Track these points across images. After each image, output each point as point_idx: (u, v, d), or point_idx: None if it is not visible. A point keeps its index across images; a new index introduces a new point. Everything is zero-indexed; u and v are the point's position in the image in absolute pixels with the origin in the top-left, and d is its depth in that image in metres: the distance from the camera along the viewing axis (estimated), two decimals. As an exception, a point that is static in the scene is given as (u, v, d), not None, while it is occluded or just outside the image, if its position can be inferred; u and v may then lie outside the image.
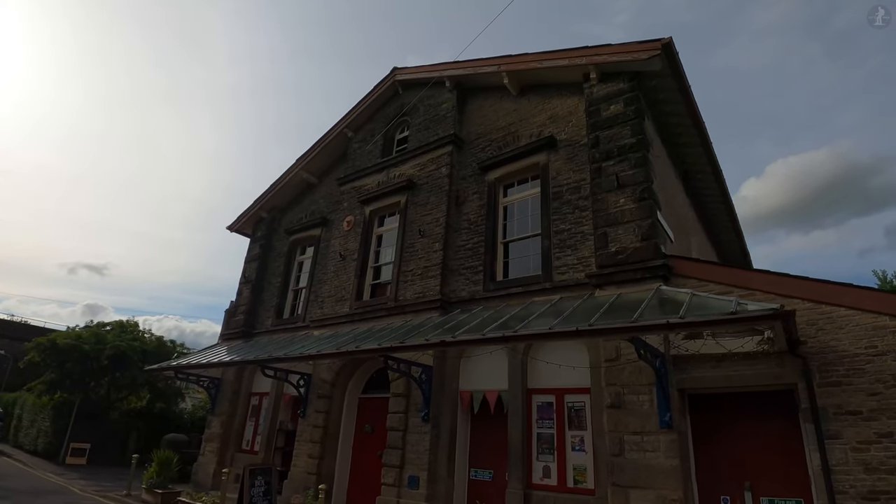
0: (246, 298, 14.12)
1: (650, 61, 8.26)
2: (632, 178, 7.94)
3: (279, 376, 10.69)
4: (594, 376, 7.49)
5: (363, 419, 10.59)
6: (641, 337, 6.05)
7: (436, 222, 10.38)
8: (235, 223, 15.38)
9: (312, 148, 13.99)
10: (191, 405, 23.93)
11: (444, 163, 10.87)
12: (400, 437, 8.95)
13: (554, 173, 9.23)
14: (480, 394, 8.68)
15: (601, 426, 7.17)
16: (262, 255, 14.53)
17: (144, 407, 18.95)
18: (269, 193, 14.73)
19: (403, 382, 9.32)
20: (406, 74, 12.55)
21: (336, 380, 10.65)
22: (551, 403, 7.97)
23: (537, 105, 10.11)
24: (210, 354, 12.57)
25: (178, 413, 20.14)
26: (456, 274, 9.85)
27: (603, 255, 7.76)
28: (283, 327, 12.91)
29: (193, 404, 24.27)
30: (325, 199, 13.93)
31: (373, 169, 12.43)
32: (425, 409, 8.81)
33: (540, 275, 8.64)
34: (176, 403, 20.36)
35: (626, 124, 8.34)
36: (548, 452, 7.75)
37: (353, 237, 12.02)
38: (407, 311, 9.93)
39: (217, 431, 12.72)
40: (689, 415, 6.92)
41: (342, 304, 11.36)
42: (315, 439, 10.31)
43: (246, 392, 13.10)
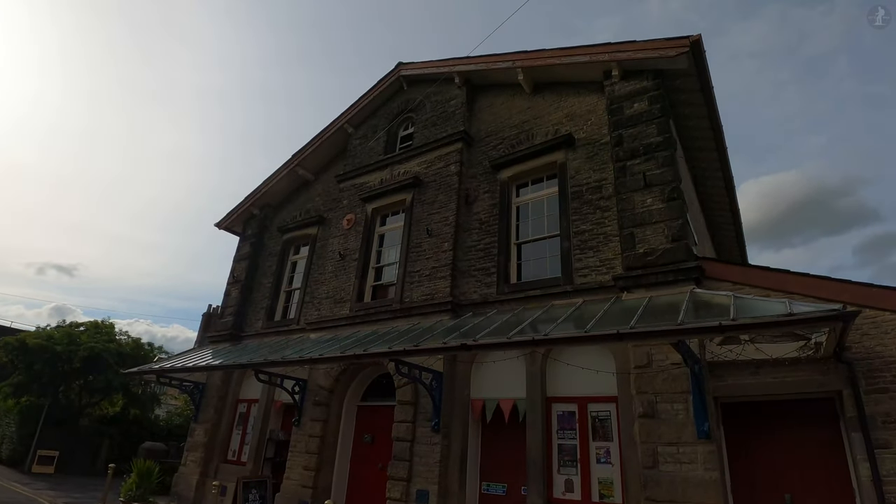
0: (234, 299, 13.27)
1: (677, 59, 7.94)
2: (660, 177, 7.56)
3: (273, 381, 9.93)
4: (622, 384, 7.02)
5: (362, 428, 9.90)
6: (687, 341, 5.61)
7: (444, 221, 9.84)
8: (225, 220, 14.53)
9: (310, 143, 13.32)
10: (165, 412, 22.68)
11: (454, 160, 10.36)
12: (407, 448, 8.30)
13: (572, 172, 8.81)
14: (494, 402, 8.11)
15: (631, 437, 6.69)
16: (252, 253, 13.73)
17: (118, 413, 17.74)
18: (261, 190, 13.96)
19: (411, 389, 8.70)
20: (412, 70, 12.03)
21: (335, 386, 9.95)
22: (573, 413, 7.46)
23: (552, 103, 9.71)
24: (196, 357, 11.69)
25: (153, 420, 18.96)
26: (466, 275, 9.30)
27: (630, 256, 7.34)
28: (275, 330, 12.12)
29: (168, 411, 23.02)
30: (322, 197, 13.25)
31: (375, 166, 11.84)
32: (436, 419, 8.20)
33: (560, 277, 8.16)
34: (151, 410, 19.18)
35: (652, 122, 7.98)
36: (570, 465, 7.23)
37: (353, 236, 11.38)
38: (414, 313, 9.33)
39: (201, 440, 11.81)
40: (721, 424, 6.52)
41: (341, 306, 10.68)
42: (311, 450, 9.56)
43: (233, 398, 12.24)
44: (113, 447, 15.97)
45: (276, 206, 14.37)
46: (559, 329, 6.32)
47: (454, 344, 6.78)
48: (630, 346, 6.86)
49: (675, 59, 7.94)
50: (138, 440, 15.79)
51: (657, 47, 7.99)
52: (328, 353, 8.28)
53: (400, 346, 7.33)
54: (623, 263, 7.38)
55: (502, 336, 6.53)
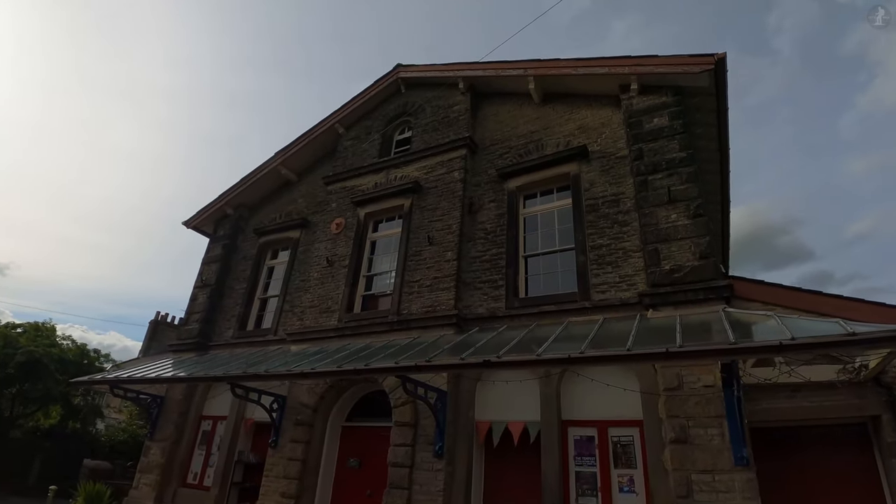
0: (202, 305, 11.98)
1: (699, 76, 7.75)
2: (684, 192, 7.25)
3: (251, 398, 8.82)
4: (647, 407, 6.53)
5: (347, 451, 8.93)
6: (742, 361, 5.19)
7: (447, 229, 9.18)
8: (195, 218, 13.22)
9: (296, 142, 12.38)
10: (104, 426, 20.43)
11: (457, 167, 9.76)
12: (406, 475, 7.44)
13: (587, 185, 8.40)
14: (502, 425, 7.42)
15: (659, 464, 6.18)
16: (224, 256, 12.50)
17: (55, 426, 15.68)
18: (238, 188, 12.81)
19: (410, 409, 7.87)
20: (412, 73, 11.43)
21: (319, 404, 8.95)
22: (592, 438, 6.89)
23: (563, 114, 9.34)
24: (157, 367, 10.33)
25: (94, 435, 16.91)
26: (471, 287, 8.65)
27: (656, 272, 6.93)
28: (249, 340, 10.96)
29: (109, 425, 20.76)
30: (306, 199, 12.29)
31: (369, 169, 11.06)
32: (440, 442, 7.41)
33: (575, 293, 7.66)
34: (93, 423, 17.13)
35: (674, 138, 7.71)
36: (589, 494, 6.62)
37: (343, 241, 10.50)
38: (413, 326, 8.55)
39: (157, 460, 10.39)
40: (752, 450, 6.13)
41: (328, 317, 9.74)
42: (291, 474, 8.49)
43: (196, 415, 10.91)
44: (47, 464, 13.99)
45: (252, 206, 13.24)
46: (595, 346, 5.76)
47: (474, 360, 6.08)
48: (659, 367, 6.40)
49: (698, 76, 7.74)
50: (77, 457, 13.89)
51: (681, 63, 7.78)
52: (321, 366, 7.37)
53: (409, 361, 6.54)
54: (648, 280, 6.96)
55: (528, 353, 5.93)
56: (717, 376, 6.07)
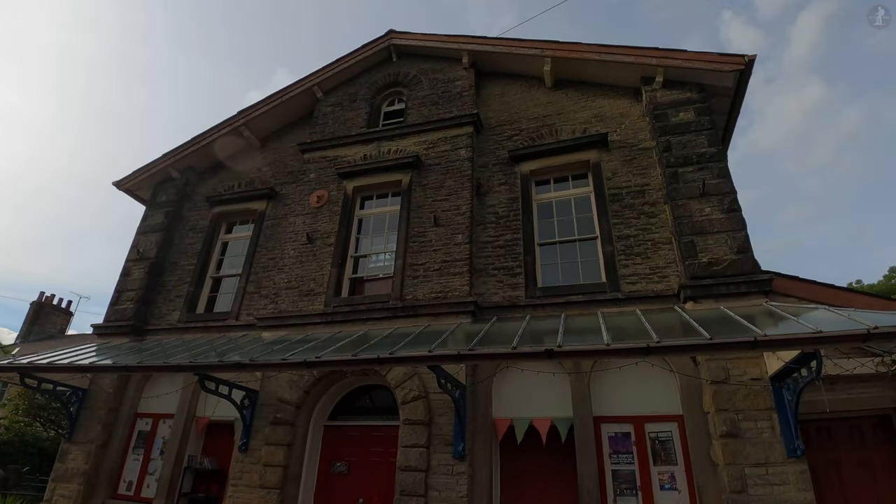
0: (138, 282, 9.73)
1: (726, 75, 7.62)
2: (717, 187, 7.03)
3: (220, 392, 7.15)
4: (688, 401, 6.17)
5: (331, 454, 7.60)
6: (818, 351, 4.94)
7: (456, 210, 8.22)
8: (129, 179, 10.75)
9: (264, 101, 10.54)
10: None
11: (463, 144, 8.82)
12: (421, 481, 6.40)
13: (608, 174, 7.94)
14: (525, 422, 6.66)
15: (705, 459, 5.83)
16: (167, 225, 10.30)
17: None
18: (188, 148, 10.64)
19: (423, 406, 6.83)
20: (407, 40, 10.23)
21: (303, 401, 7.53)
22: (628, 434, 6.39)
23: (577, 101, 8.81)
24: (84, 354, 8.06)
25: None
26: (484, 274, 7.79)
27: (694, 265, 6.61)
28: (203, 325, 9.05)
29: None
30: (273, 168, 10.53)
31: (356, 139, 9.69)
32: (460, 442, 6.46)
33: (604, 283, 7.14)
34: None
35: (702, 133, 7.49)
36: (629, 493, 6.10)
37: (326, 217, 9.05)
38: (421, 313, 7.48)
39: (79, 467, 8.14)
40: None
41: (311, 300, 8.29)
42: (269, 483, 7.01)
43: (129, 412, 8.77)
44: None
45: (202, 171, 11.11)
46: (629, 339, 5.21)
47: (532, 350, 5.26)
48: (704, 360, 6.07)
49: (725, 75, 7.61)
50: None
51: (711, 60, 7.58)
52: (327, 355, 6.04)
53: (448, 350, 5.55)
54: (686, 272, 6.62)
55: (594, 342, 5.25)
56: (764, 369, 5.90)
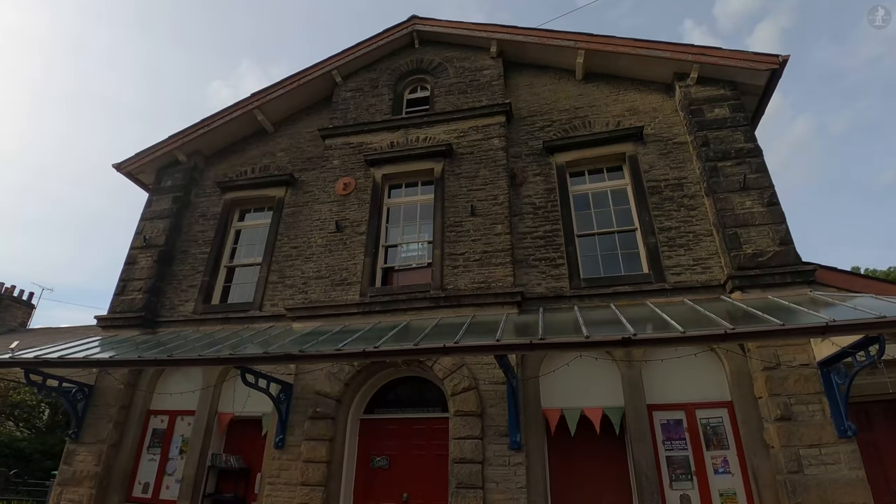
0: (147, 271, 8.95)
1: (759, 74, 7.73)
2: (756, 181, 7.13)
3: (259, 386, 6.66)
4: (737, 387, 6.23)
5: (369, 449, 7.24)
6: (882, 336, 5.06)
7: (493, 200, 7.99)
8: (130, 162, 9.85)
9: (279, 84, 9.90)
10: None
11: (496, 133, 8.59)
12: (478, 473, 6.18)
13: (646, 167, 7.92)
14: (576, 412, 6.56)
15: (757, 442, 5.91)
16: (176, 212, 9.54)
17: None
18: (196, 130, 9.87)
19: (474, 397, 6.60)
20: (432, 26, 9.85)
21: (343, 393, 7.15)
22: (680, 421, 6.40)
23: (609, 94, 8.75)
24: (93, 347, 7.32)
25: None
26: (524, 265, 7.61)
27: (740, 256, 6.68)
28: (222, 316, 8.43)
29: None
30: (289, 153, 9.94)
31: (382, 125, 9.27)
32: (517, 433, 6.29)
33: (649, 274, 7.13)
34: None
35: (738, 129, 7.57)
36: (684, 479, 6.12)
37: (356, 205, 8.61)
38: (465, 303, 7.24)
39: (90, 469, 7.42)
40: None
41: (345, 290, 7.87)
42: (311, 480, 6.60)
43: (142, 409, 8.07)
44: None
45: (210, 155, 10.35)
46: (697, 327, 5.19)
47: (607, 339, 5.15)
48: (755, 347, 6.15)
49: (758, 73, 7.72)
50: None
51: (746, 58, 7.66)
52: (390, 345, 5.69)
53: (520, 339, 5.34)
54: (732, 263, 6.68)
55: (664, 330, 5.20)
56: (811, 355, 6.03)
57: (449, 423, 6.74)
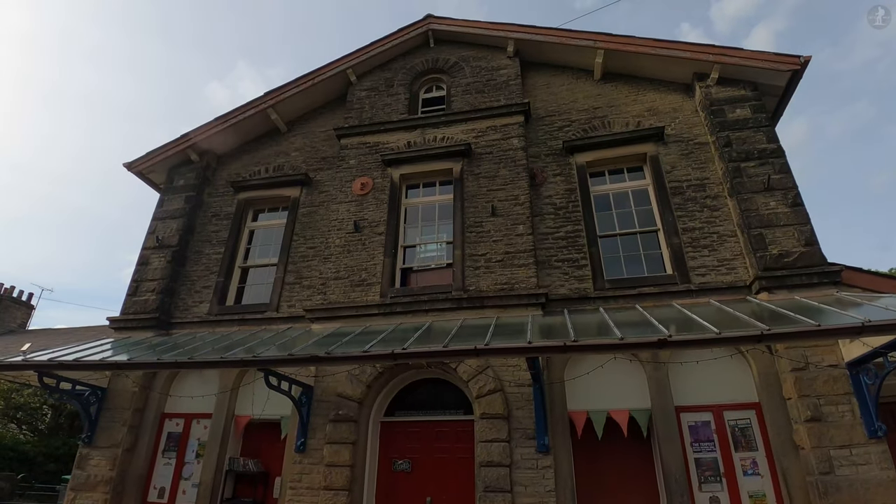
0: (160, 272, 8.79)
1: (780, 75, 7.70)
2: (780, 182, 7.09)
3: (282, 388, 6.53)
4: (765, 389, 6.18)
5: (390, 452, 7.14)
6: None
7: (514, 200, 7.91)
8: (141, 161, 9.68)
9: (293, 83, 9.77)
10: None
11: (515, 133, 8.51)
12: (506, 476, 6.09)
13: (667, 167, 7.87)
14: (602, 414, 6.49)
15: (785, 444, 5.86)
16: (189, 211, 9.38)
17: None
18: (209, 129, 9.71)
19: (500, 399, 6.51)
20: (447, 25, 9.75)
21: (365, 396, 7.04)
22: (708, 423, 6.33)
23: (627, 95, 8.69)
24: (109, 349, 7.15)
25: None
26: (547, 266, 7.53)
27: (765, 257, 6.63)
28: (239, 318, 8.28)
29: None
30: (303, 153, 9.80)
31: (398, 125, 9.16)
32: (544, 436, 6.20)
33: (674, 275, 7.07)
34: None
35: (760, 130, 7.54)
36: (713, 480, 6.05)
37: (373, 205, 8.50)
38: (487, 304, 7.14)
39: (104, 473, 7.25)
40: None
41: (365, 291, 7.75)
42: (335, 484, 6.48)
43: (156, 412, 7.91)
44: None
45: (222, 154, 10.19)
46: (733, 329, 5.13)
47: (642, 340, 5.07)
48: (783, 348, 6.10)
49: (779, 74, 7.68)
50: None
51: (768, 59, 7.62)
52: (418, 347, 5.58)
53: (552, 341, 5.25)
54: (758, 264, 6.63)
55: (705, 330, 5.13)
56: (840, 356, 5.99)
57: (474, 426, 6.64)
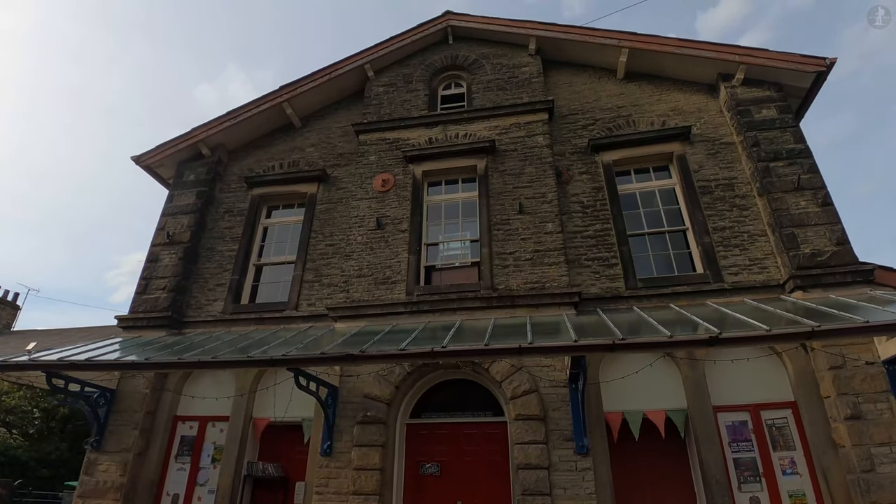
0: (171, 269, 8.42)
1: (805, 76, 7.73)
2: (809, 181, 7.09)
3: (310, 389, 6.25)
4: (802, 388, 6.12)
5: (416, 455, 6.90)
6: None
7: (542, 198, 7.77)
8: (150, 155, 9.29)
9: (309, 77, 9.51)
10: None
11: (539, 131, 8.39)
12: (545, 479, 5.91)
13: (695, 166, 7.82)
14: (637, 415, 6.37)
15: (824, 443, 5.80)
16: (200, 207, 9.03)
17: None
18: (221, 123, 9.37)
19: (536, 400, 6.34)
20: (466, 22, 9.61)
21: (393, 396, 6.80)
22: (745, 422, 6.25)
23: (651, 94, 8.65)
24: (121, 349, 6.76)
25: None
26: (576, 265, 7.40)
27: (799, 256, 6.60)
28: (256, 316, 7.96)
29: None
30: (319, 149, 9.54)
31: (419, 121, 8.96)
32: (583, 437, 6.05)
33: (706, 274, 7.00)
34: None
35: (787, 130, 7.54)
36: (752, 480, 5.96)
37: (395, 202, 8.28)
38: (518, 304, 6.98)
39: (114, 479, 6.86)
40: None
41: (389, 289, 7.52)
42: (365, 489, 6.22)
43: (168, 414, 7.54)
44: None
45: (234, 149, 9.87)
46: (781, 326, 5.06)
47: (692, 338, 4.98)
48: (820, 347, 6.06)
49: (803, 76, 7.72)
50: None
51: (793, 60, 7.64)
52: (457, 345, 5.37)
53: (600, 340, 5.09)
54: (792, 263, 6.58)
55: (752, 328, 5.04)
56: (876, 354, 5.96)
57: (507, 428, 6.48)
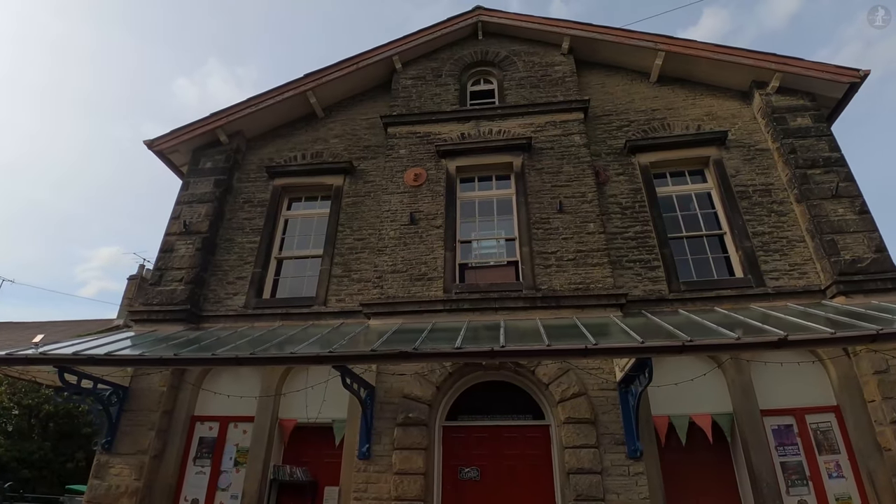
0: (188, 260, 7.90)
1: (837, 87, 7.85)
2: (846, 189, 7.17)
3: (353, 388, 5.90)
4: (845, 392, 6.14)
5: (454, 459, 6.61)
6: None
7: (582, 198, 7.64)
8: (163, 140, 8.71)
9: (335, 66, 9.13)
10: None
11: (576, 130, 8.26)
12: (598, 484, 5.73)
13: (732, 171, 7.83)
14: (684, 419, 6.28)
15: (869, 446, 5.82)
16: (219, 196, 8.54)
17: None
18: (241, 109, 8.90)
19: (585, 403, 6.16)
20: (498, 18, 9.44)
21: (434, 397, 6.52)
22: (790, 426, 6.23)
23: (685, 98, 8.64)
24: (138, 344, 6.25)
25: None
26: (619, 266, 7.28)
27: (840, 262, 6.65)
28: (282, 312, 7.52)
29: None
30: (343, 140, 9.17)
31: (451, 116, 8.71)
32: (634, 441, 5.90)
33: (749, 278, 6.98)
34: None
35: (822, 138, 7.63)
36: (800, 484, 5.93)
37: (428, 197, 7.99)
38: (563, 304, 6.80)
39: (128, 483, 6.33)
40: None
41: (426, 286, 7.23)
42: (408, 494, 5.91)
43: (185, 414, 7.04)
44: None
45: (252, 138, 9.39)
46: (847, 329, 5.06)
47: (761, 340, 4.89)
48: (865, 351, 6.10)
49: (836, 86, 7.83)
50: None
51: (828, 70, 7.75)
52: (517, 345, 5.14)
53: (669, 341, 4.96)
54: (833, 269, 6.62)
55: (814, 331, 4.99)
56: (920, 362, 6.05)
57: (548, 431, 6.31)
